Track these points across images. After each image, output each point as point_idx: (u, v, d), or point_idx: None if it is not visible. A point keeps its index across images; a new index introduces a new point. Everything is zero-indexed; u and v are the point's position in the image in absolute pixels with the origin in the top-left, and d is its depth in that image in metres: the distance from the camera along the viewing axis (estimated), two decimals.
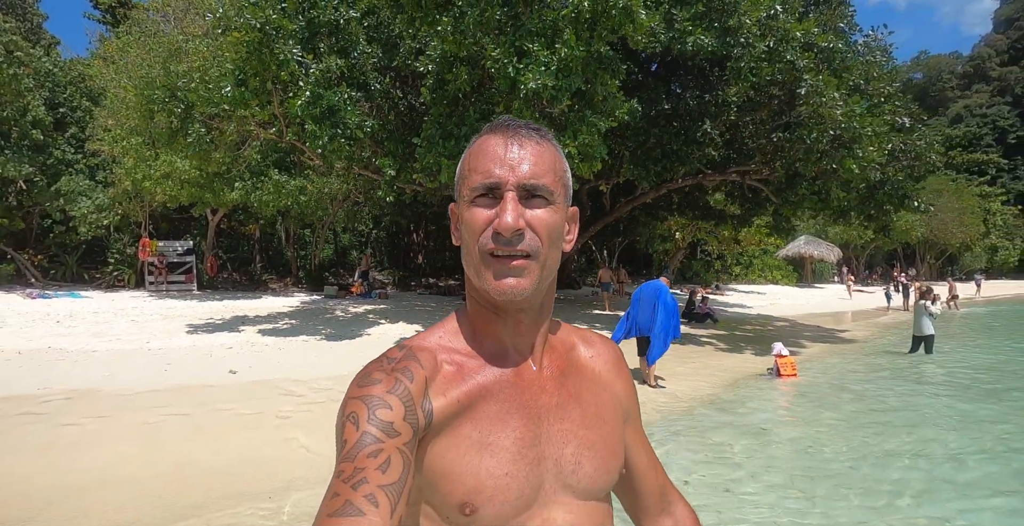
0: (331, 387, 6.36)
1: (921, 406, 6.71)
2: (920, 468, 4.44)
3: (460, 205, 0.75)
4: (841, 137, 8.97)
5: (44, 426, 4.48)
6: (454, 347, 0.77)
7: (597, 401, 0.82)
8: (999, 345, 12.43)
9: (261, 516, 3.31)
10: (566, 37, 6.63)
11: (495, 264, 0.70)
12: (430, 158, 7.62)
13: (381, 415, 0.63)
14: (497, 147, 0.72)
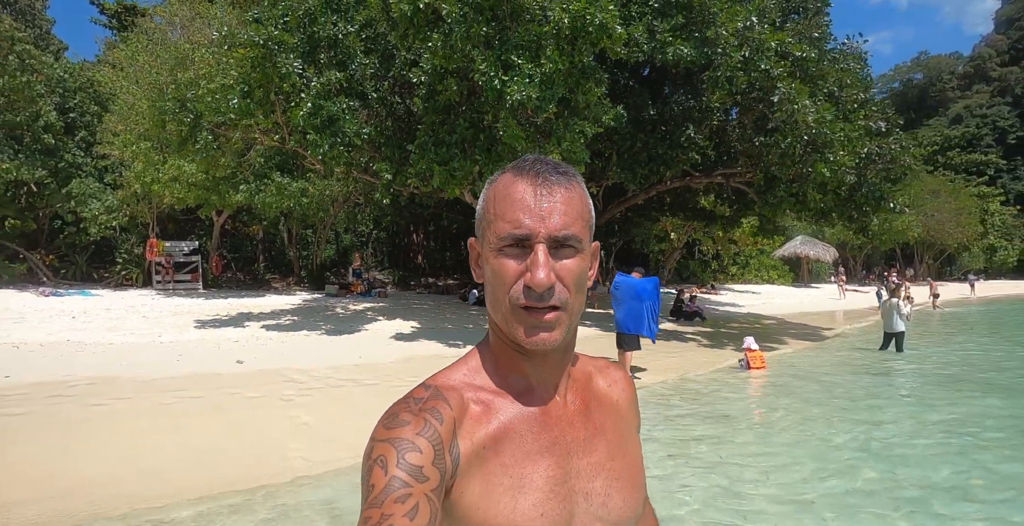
0: (330, 376, 6.90)
1: (879, 395, 7.22)
2: (862, 448, 4.95)
3: (484, 247, 0.74)
4: (814, 142, 9.48)
5: (75, 406, 5.03)
6: (480, 385, 0.76)
7: (619, 431, 0.83)
8: (970, 342, 12.92)
9: (267, 475, 3.85)
10: (549, 52, 7.17)
11: (527, 318, 0.70)
12: (423, 164, 8.17)
13: (411, 459, 0.63)
14: (526, 195, 0.71)
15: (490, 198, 0.74)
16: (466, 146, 8.27)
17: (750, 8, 9.88)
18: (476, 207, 0.79)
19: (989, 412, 6.17)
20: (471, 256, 0.80)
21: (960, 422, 5.81)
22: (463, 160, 8.09)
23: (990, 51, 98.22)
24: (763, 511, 3.56)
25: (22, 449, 4.11)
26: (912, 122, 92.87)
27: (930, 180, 55.74)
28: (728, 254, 37.92)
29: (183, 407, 5.19)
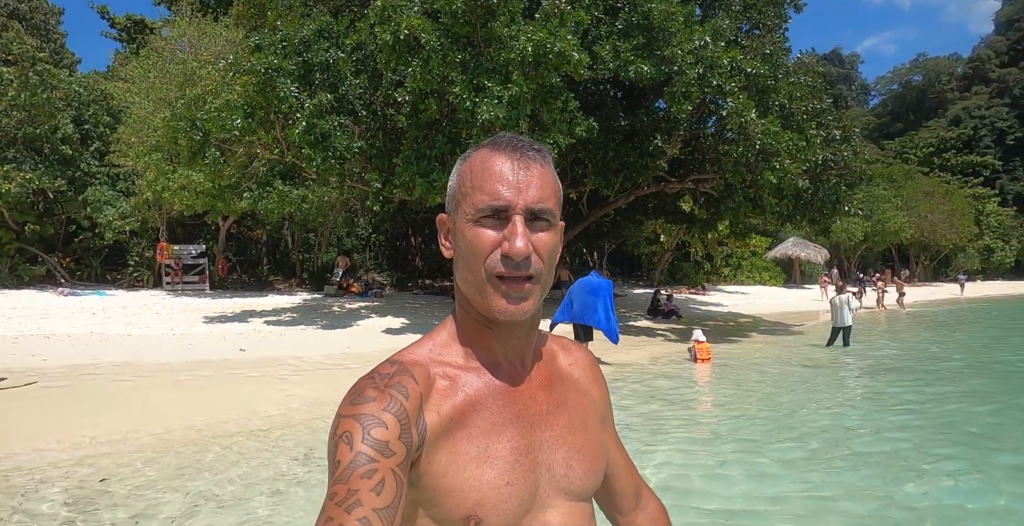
0: (321, 361, 7.92)
1: (808, 381, 8.16)
2: (777, 423, 5.85)
3: (458, 220, 0.75)
4: (764, 151, 10.44)
5: (105, 382, 6.06)
6: (446, 360, 0.77)
7: (580, 407, 0.85)
8: (919, 339, 13.81)
9: (262, 430, 4.85)
10: (515, 77, 8.16)
11: (503, 286, 0.72)
12: (406, 176, 9.18)
13: (376, 434, 0.63)
14: (504, 168, 0.72)
15: (465, 172, 0.75)
16: (445, 159, 9.29)
17: (705, 28, 10.88)
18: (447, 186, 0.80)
19: (903, 396, 7.07)
20: (440, 232, 0.81)
21: (872, 402, 6.75)
22: (442, 172, 9.11)
23: (989, 52, 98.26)
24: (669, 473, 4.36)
25: (69, 410, 5.14)
26: (911, 124, 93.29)
27: (925, 181, 56.32)
28: (720, 256, 38.78)
29: (195, 383, 6.21)
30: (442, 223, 0.81)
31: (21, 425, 4.76)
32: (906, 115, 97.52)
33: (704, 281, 35.08)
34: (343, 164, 9.69)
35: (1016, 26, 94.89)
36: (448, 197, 0.79)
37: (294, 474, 3.95)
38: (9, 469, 3.85)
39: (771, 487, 3.86)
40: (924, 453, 4.60)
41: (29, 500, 3.37)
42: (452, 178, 0.79)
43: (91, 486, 3.62)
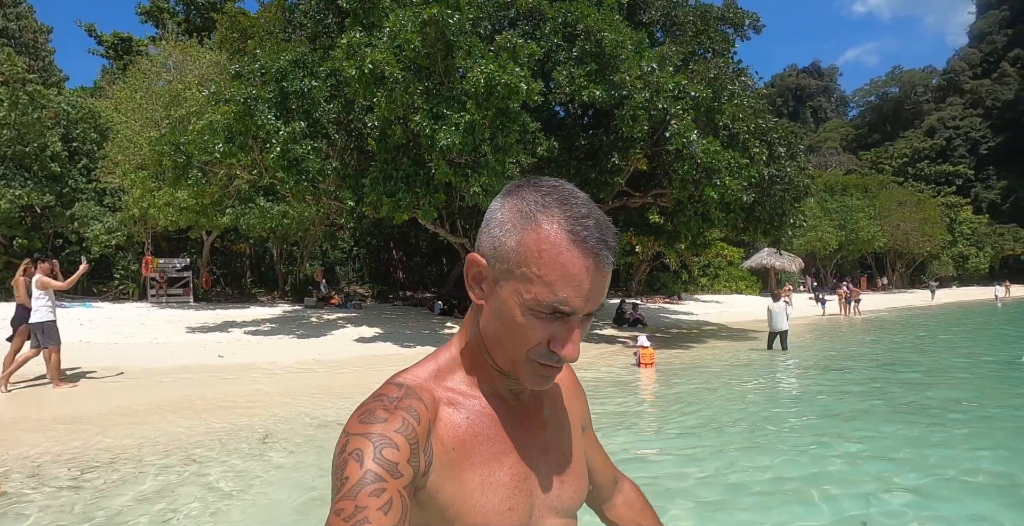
0: (292, 366, 8.66)
1: (736, 380, 9.00)
2: (704, 419, 6.66)
3: (505, 289, 0.72)
4: (707, 169, 11.36)
5: (96, 383, 6.76)
6: (450, 386, 0.79)
7: (566, 429, 0.90)
8: (852, 342, 14.76)
9: (235, 418, 5.59)
10: (468, 106, 9.01)
11: (540, 370, 0.74)
12: (374, 195, 9.99)
13: (387, 454, 0.64)
14: (583, 277, 0.69)
15: (530, 248, 0.69)
16: (410, 180, 10.10)
17: (652, 55, 11.83)
18: (495, 229, 0.73)
19: (827, 390, 7.92)
20: (469, 272, 0.76)
21: (786, 396, 7.59)
22: (406, 192, 9.91)
23: (963, 64, 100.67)
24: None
25: (61, 408, 5.84)
26: (888, 134, 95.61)
27: (899, 191, 57.86)
28: (697, 266, 39.80)
29: (176, 384, 6.93)
30: (475, 264, 0.75)
31: (87, 412, 5.49)
32: (883, 126, 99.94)
33: (681, 291, 35.94)
34: (316, 186, 10.48)
35: (988, 39, 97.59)
36: (495, 249, 0.73)
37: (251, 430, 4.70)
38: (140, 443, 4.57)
39: (688, 467, 4.53)
40: (817, 435, 5.42)
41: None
42: (506, 232, 0.72)
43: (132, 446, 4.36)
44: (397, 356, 10.40)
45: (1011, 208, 75.15)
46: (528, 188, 0.74)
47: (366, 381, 8.03)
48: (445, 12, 8.93)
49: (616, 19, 12.48)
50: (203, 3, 30.70)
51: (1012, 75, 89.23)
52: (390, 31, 9.22)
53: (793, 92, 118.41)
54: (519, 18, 13.99)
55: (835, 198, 52.20)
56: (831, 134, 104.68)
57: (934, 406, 6.59)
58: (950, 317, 23.81)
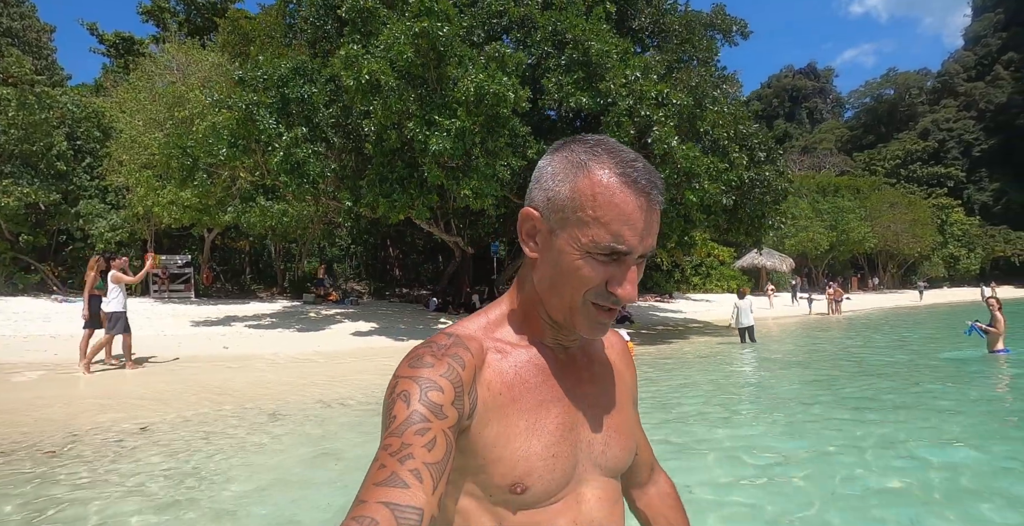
0: (295, 357, 9.24)
1: (694, 371, 9.62)
2: (659, 401, 7.29)
3: (561, 237, 0.74)
4: (688, 173, 11.96)
5: (112, 370, 7.32)
6: (499, 337, 0.81)
7: (617, 389, 0.91)
8: (822, 339, 15.42)
9: (246, 401, 6.18)
10: (459, 113, 9.59)
11: (597, 315, 0.75)
12: (371, 196, 10.56)
13: (432, 397, 0.67)
14: (637, 213, 0.71)
15: (585, 192, 0.72)
16: (404, 183, 10.68)
17: (636, 64, 12.42)
18: (547, 181, 0.76)
19: (788, 380, 8.56)
20: (523, 226, 0.78)
21: (741, 385, 8.20)
22: (401, 194, 10.49)
23: (957, 67, 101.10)
24: None
25: (87, 389, 6.43)
26: (883, 136, 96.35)
27: (890, 192, 58.58)
28: (689, 265, 40.46)
29: (185, 371, 7.52)
30: (529, 218, 0.77)
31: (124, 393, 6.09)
32: (878, 127, 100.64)
33: (673, 289, 36.55)
34: (316, 187, 11.06)
35: (983, 42, 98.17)
36: (548, 201, 0.75)
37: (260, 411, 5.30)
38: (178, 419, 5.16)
39: None
40: (756, 418, 6.02)
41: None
42: (559, 182, 0.74)
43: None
44: (391, 349, 10.99)
45: (1003, 210, 75.96)
46: (575, 142, 0.77)
47: (363, 369, 8.62)
48: (435, 25, 9.50)
49: (604, 29, 13.07)
50: (204, 3, 31.16)
51: (1005, 78, 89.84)
52: (384, 42, 9.79)
53: (789, 93, 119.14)
54: (512, 25, 14.57)
55: (827, 199, 52.92)
56: (826, 135, 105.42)
57: (856, 396, 7.20)
58: (932, 317, 24.49)
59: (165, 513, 3.30)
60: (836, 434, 5.09)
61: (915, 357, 10.51)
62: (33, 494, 3.57)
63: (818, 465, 4.24)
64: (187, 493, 3.62)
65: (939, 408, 6.06)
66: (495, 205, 13.88)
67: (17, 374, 7.12)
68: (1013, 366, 8.67)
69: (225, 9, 30.54)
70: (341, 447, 4.70)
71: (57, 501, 3.46)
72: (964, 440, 4.84)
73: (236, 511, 3.34)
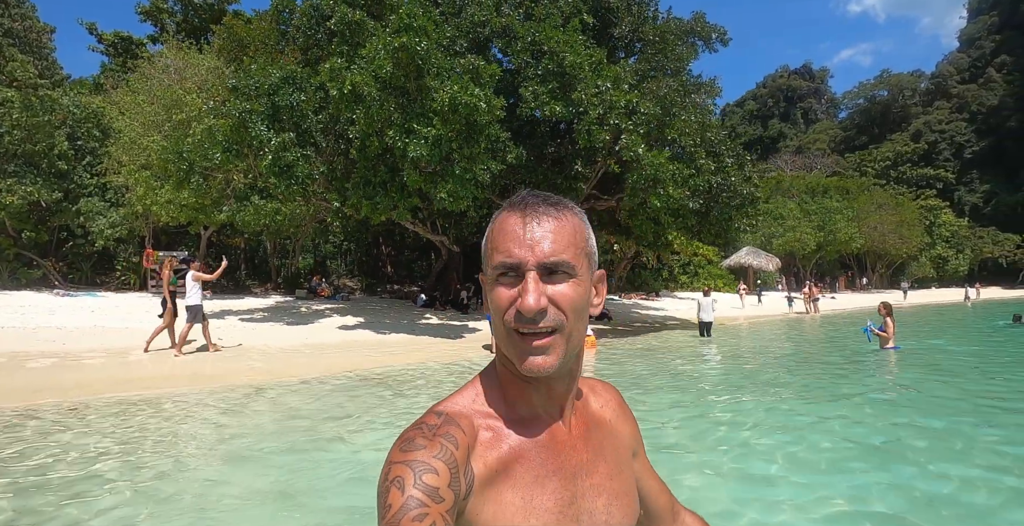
0: (282, 348, 10.02)
1: (640, 362, 10.44)
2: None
3: (488, 280, 0.78)
4: (654, 179, 12.75)
5: (115, 358, 8.11)
6: (488, 412, 0.80)
7: (615, 451, 0.90)
8: (782, 336, 16.27)
9: (227, 386, 6.97)
10: (435, 122, 10.36)
11: (521, 342, 0.74)
12: (355, 199, 11.34)
13: (427, 480, 0.66)
14: (516, 226, 0.75)
15: (488, 234, 0.79)
16: (387, 186, 11.45)
17: (606, 76, 13.20)
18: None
19: (733, 370, 9.38)
20: (484, 290, 0.82)
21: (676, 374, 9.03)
22: (383, 197, 11.27)
23: (951, 69, 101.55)
24: None
25: (96, 374, 7.22)
26: (876, 137, 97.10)
27: (879, 193, 59.35)
28: (677, 264, 41.26)
29: (182, 360, 8.29)
30: (482, 282, 0.81)
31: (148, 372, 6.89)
32: (871, 128, 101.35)
33: (661, 288, 37.34)
34: (305, 188, 11.84)
35: (977, 44, 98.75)
36: (482, 256, 0.81)
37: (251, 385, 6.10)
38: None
39: None
40: (667, 396, 6.84)
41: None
42: (484, 240, 0.81)
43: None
44: (375, 342, 11.79)
45: (992, 211, 76.67)
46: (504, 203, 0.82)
47: (347, 358, 9.42)
48: (414, 40, 10.27)
49: (579, 39, 13.83)
50: (201, 4, 31.78)
51: (998, 80, 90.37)
52: (367, 55, 10.55)
53: (784, 93, 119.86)
54: (494, 35, 15.32)
55: (815, 200, 53.69)
56: (820, 135, 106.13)
57: (758, 381, 8.03)
58: (902, 316, 25.33)
59: (152, 448, 4.10)
60: (724, 406, 5.97)
61: (844, 351, 11.36)
62: (63, 438, 4.39)
63: (696, 429, 5.10)
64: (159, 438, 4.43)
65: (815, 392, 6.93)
66: (477, 206, 14.69)
67: (32, 361, 7.89)
68: (901, 359, 9.79)
69: (222, 10, 31.23)
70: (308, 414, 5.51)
71: (77, 439, 4.27)
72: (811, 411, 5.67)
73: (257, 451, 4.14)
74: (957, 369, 8.76)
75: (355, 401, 6.33)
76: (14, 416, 5.48)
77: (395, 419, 5.54)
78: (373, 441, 4.79)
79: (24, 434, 4.83)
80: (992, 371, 8.59)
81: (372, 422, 5.47)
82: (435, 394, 6.71)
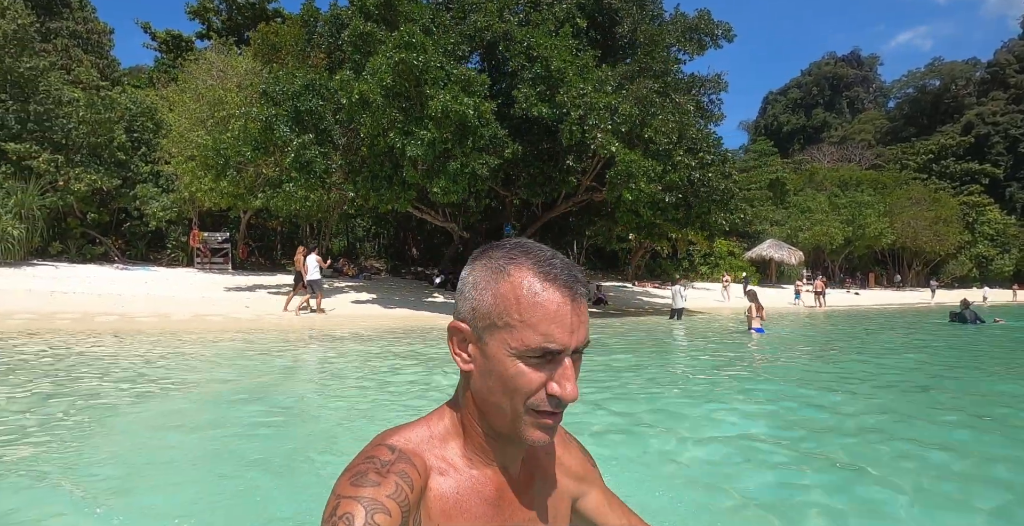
0: (305, 316, 12.01)
1: (624, 337, 11.96)
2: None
3: (491, 344, 0.74)
4: (629, 174, 14.13)
5: (164, 319, 10.20)
6: (443, 455, 0.79)
7: (555, 500, 0.91)
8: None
9: (255, 336, 8.91)
10: (429, 126, 12.06)
11: (541, 421, 0.73)
12: (364, 190, 13.20)
13: (379, 520, 0.64)
14: (562, 309, 0.72)
15: (508, 297, 0.73)
16: (390, 180, 13.25)
17: (591, 78, 14.57)
18: (468, 291, 0.77)
19: (692, 356, 10.86)
20: (452, 339, 0.78)
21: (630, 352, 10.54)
22: (387, 189, 13.08)
23: (1010, 57, 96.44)
24: None
25: (147, 327, 9.30)
26: (925, 128, 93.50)
27: (916, 187, 57.79)
28: (697, 255, 42.02)
29: (215, 320, 10.33)
30: (457, 331, 0.77)
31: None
32: (920, 119, 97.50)
33: (682, 277, 38.25)
34: (324, 181, 13.78)
35: None
36: (473, 310, 0.75)
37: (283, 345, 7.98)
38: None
39: None
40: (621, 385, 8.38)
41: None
42: (480, 291, 0.75)
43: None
44: (380, 314, 13.69)
45: None
46: (492, 249, 0.78)
47: (347, 324, 11.32)
48: (412, 55, 11.94)
49: (570, 44, 15.21)
50: (244, 3, 34.11)
51: None
52: (371, 68, 12.29)
53: (830, 81, 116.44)
54: (496, 40, 16.81)
55: (846, 193, 52.92)
56: (865, 126, 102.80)
57: (675, 362, 9.45)
58: (905, 315, 25.87)
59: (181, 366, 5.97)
60: (611, 379, 7.48)
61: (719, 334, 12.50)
62: (114, 351, 6.35)
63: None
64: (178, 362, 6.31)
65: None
66: (477, 197, 16.34)
67: (100, 316, 10.06)
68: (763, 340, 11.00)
69: (263, 9, 33.54)
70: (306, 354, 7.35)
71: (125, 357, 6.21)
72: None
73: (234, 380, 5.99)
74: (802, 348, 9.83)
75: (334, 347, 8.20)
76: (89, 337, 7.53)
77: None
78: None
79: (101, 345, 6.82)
80: (832, 356, 9.34)
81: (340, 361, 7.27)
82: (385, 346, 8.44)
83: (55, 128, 19.75)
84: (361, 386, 5.75)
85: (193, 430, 3.96)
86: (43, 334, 8.29)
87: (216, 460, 3.29)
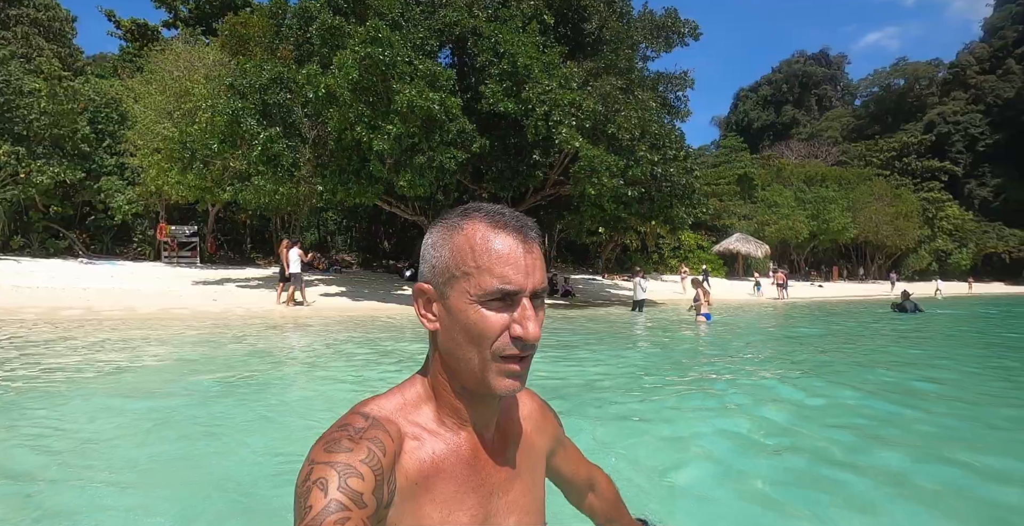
0: (270, 309, 12.14)
1: (571, 331, 12.37)
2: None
3: (452, 297, 0.76)
4: (592, 169, 14.52)
5: (130, 313, 10.26)
6: (417, 421, 0.81)
7: (531, 464, 0.93)
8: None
9: (220, 327, 9.07)
10: (395, 121, 12.27)
11: (507, 367, 0.76)
12: (331, 184, 13.36)
13: (352, 484, 0.66)
14: (514, 250, 0.75)
15: (463, 248, 0.76)
16: (358, 174, 13.42)
17: (557, 75, 14.90)
18: (428, 253, 0.79)
19: (657, 349, 11.30)
20: (418, 301, 0.81)
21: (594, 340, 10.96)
22: (355, 183, 13.25)
23: (971, 58, 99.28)
24: None
25: (114, 318, 9.37)
26: (889, 126, 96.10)
27: (879, 184, 59.59)
28: (667, 248, 42.84)
29: (179, 313, 10.44)
30: (422, 293, 0.80)
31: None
32: (884, 117, 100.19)
33: (651, 270, 38.94)
34: (292, 174, 13.88)
35: (1000, 34, 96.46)
36: (433, 268, 0.78)
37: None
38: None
39: None
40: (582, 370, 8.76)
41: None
42: (439, 248, 0.78)
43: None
44: (348, 306, 13.87)
45: (1001, 206, 75.58)
46: (448, 212, 0.82)
47: (314, 314, 11.50)
48: (377, 50, 12.10)
49: (536, 40, 15.49)
50: None
51: (1016, 72, 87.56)
52: (338, 63, 12.42)
53: (799, 79, 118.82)
54: (465, 35, 17.00)
55: (811, 189, 54.37)
56: (832, 123, 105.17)
57: (619, 347, 9.91)
58: (859, 306, 26.89)
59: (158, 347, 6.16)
60: (570, 363, 7.87)
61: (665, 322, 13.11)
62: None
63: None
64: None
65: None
66: (445, 191, 16.56)
67: (65, 310, 10.11)
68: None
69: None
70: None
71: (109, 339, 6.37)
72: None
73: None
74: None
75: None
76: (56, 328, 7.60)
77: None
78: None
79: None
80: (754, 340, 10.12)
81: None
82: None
83: (15, 119, 19.38)
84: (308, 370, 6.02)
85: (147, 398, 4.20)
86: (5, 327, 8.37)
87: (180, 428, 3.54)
